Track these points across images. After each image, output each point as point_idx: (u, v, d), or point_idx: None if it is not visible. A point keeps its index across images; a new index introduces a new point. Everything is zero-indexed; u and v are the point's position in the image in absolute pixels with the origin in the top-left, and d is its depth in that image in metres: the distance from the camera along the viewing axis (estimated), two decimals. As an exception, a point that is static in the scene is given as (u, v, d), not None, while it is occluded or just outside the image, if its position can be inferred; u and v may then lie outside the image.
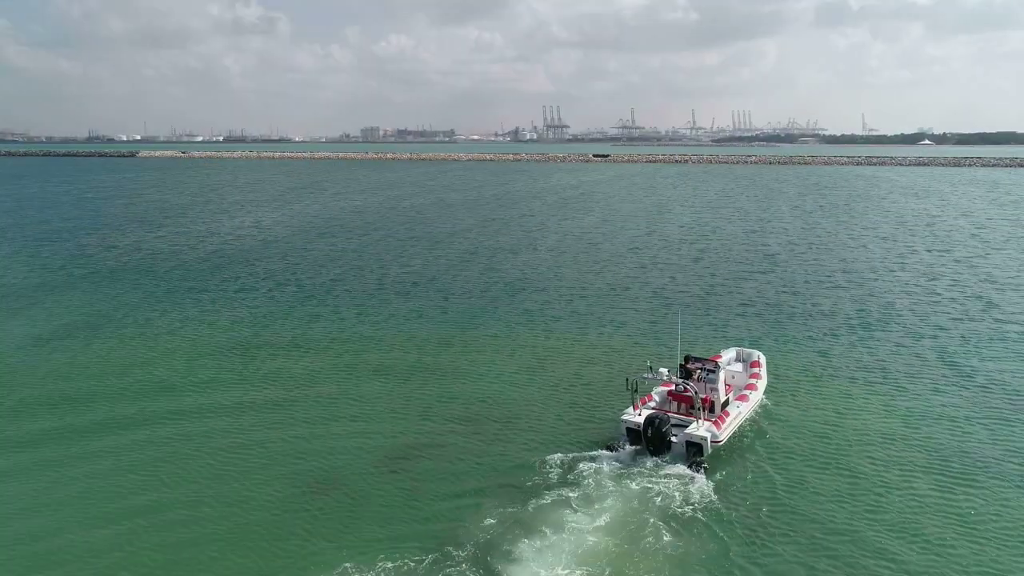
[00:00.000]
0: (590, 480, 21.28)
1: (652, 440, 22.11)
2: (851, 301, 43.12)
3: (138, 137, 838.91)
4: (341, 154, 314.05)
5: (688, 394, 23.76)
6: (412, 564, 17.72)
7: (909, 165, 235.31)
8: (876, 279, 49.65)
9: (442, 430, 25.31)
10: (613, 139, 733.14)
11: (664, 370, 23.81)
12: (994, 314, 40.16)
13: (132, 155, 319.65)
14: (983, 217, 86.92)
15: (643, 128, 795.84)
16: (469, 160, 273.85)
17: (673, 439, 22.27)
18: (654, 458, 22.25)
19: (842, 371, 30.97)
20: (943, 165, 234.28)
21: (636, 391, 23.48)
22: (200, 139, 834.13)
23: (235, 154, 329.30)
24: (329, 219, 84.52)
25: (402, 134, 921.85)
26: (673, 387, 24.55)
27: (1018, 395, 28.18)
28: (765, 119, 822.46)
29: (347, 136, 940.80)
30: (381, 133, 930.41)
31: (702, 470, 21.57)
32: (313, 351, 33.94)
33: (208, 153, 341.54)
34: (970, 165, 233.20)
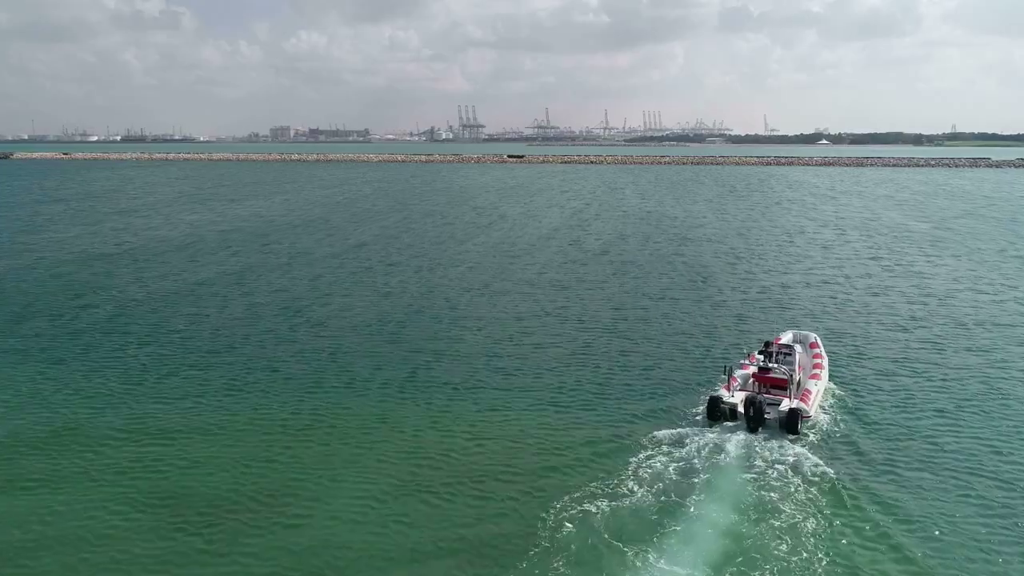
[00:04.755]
0: (692, 456, 22.13)
1: (753, 418, 23.75)
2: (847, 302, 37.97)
3: (25, 137, 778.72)
4: (242, 155, 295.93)
5: (777, 376, 25.59)
6: None
7: (816, 165, 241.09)
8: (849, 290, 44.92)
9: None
10: (528, 139, 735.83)
11: (760, 356, 26.54)
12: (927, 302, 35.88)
13: (5, 157, 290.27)
14: (910, 221, 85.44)
15: (558, 128, 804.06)
16: (379, 161, 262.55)
17: (767, 416, 23.99)
18: (750, 433, 23.65)
19: (888, 359, 32.37)
20: (847, 165, 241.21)
21: (731, 374, 25.63)
22: (95, 139, 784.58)
23: (125, 155, 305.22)
24: (214, 232, 74.03)
25: (314, 134, 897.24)
26: (755, 369, 26.09)
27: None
28: (675, 120, 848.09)
29: (256, 136, 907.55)
30: (292, 133, 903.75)
31: (799, 440, 23.40)
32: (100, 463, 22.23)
33: (95, 155, 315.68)
34: (872, 165, 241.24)
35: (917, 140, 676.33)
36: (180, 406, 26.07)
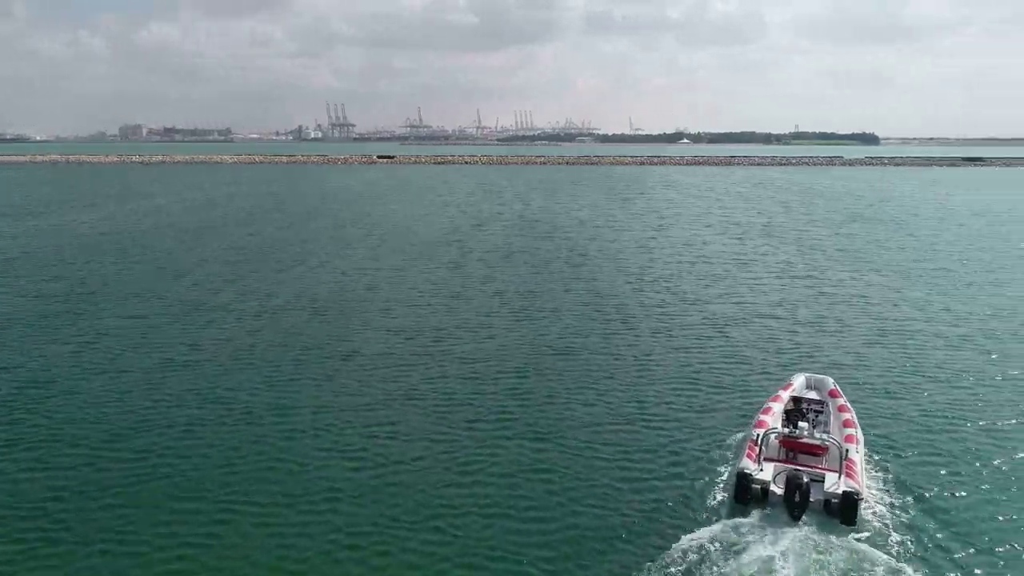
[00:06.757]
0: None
1: (799, 503, 17.11)
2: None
3: None
4: (72, 157, 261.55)
5: (813, 442, 19.20)
6: None
7: (688, 164, 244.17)
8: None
9: None
10: (401, 138, 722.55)
11: (804, 424, 20.18)
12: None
13: None
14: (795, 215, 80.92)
15: (431, 127, 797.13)
16: (236, 163, 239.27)
17: (810, 498, 17.40)
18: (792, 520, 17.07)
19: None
20: (717, 164, 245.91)
21: (762, 441, 18.85)
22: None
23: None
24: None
25: (170, 133, 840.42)
26: (786, 432, 19.52)
27: None
28: (546, 120, 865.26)
29: (103, 135, 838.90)
30: (144, 132, 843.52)
31: (856, 532, 16.83)
32: None
33: None
34: (739, 164, 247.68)
35: (767, 139, 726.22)
36: None
